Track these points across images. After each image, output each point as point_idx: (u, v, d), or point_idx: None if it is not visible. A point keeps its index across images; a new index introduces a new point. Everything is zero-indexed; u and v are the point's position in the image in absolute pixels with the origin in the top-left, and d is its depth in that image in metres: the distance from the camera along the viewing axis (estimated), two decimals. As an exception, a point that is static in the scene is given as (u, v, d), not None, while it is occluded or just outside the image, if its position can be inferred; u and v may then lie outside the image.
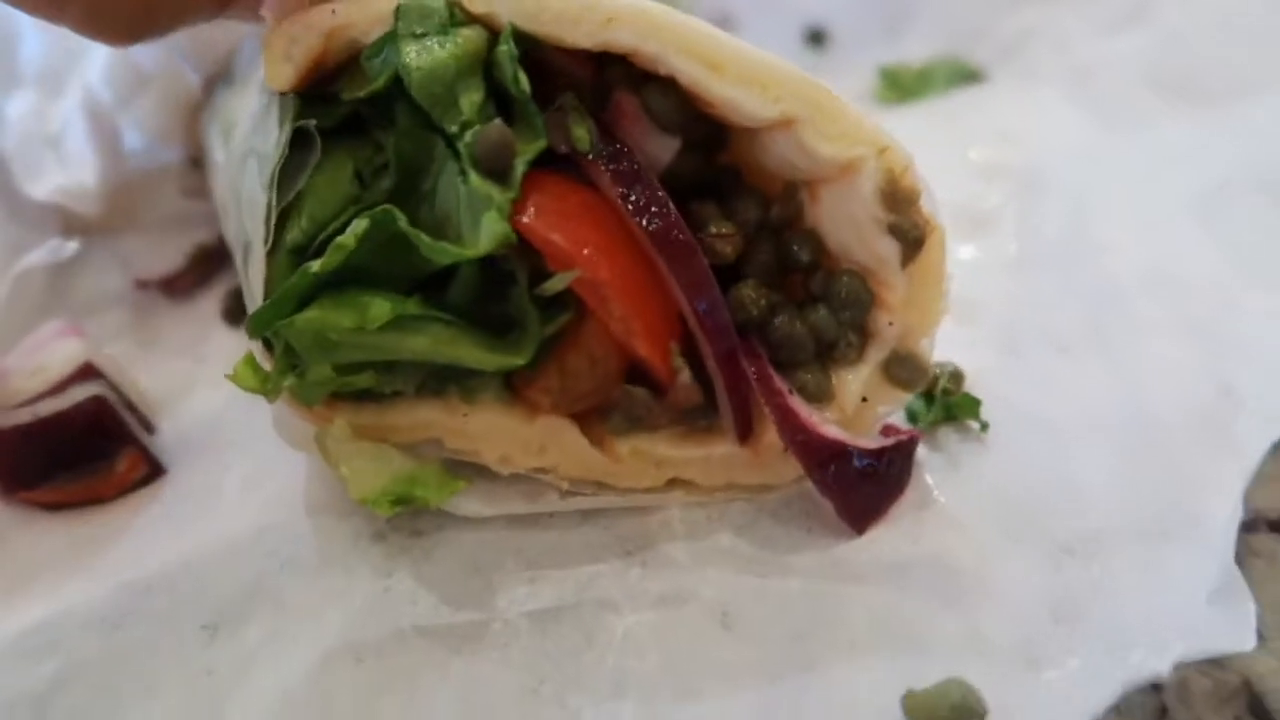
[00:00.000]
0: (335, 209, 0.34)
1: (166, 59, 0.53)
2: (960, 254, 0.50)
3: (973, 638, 0.32)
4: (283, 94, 0.36)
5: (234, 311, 0.49)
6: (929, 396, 0.40)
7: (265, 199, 0.35)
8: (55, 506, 0.40)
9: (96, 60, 0.54)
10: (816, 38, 0.72)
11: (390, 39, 0.34)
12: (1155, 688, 0.31)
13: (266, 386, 0.35)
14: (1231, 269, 0.47)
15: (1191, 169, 0.53)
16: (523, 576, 0.36)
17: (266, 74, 0.35)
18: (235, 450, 0.42)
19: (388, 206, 0.32)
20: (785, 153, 0.35)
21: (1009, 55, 0.66)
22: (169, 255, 0.52)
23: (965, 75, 0.64)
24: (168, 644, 0.35)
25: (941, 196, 0.54)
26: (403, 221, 0.32)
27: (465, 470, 0.38)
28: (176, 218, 0.55)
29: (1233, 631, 0.30)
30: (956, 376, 0.41)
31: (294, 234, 0.34)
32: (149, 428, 0.43)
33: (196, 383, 0.46)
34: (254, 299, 0.36)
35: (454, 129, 0.33)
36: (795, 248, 0.36)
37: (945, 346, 0.41)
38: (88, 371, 0.41)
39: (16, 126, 0.54)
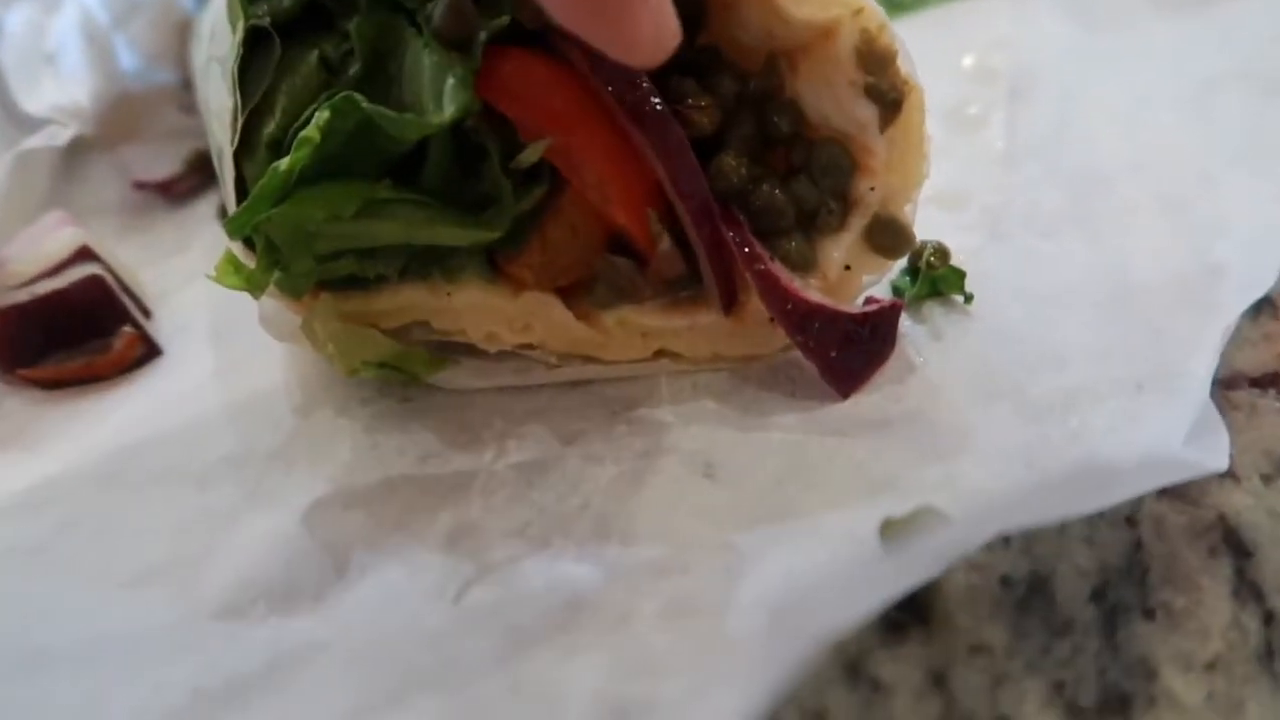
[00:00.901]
0: (305, 99, 0.35)
1: None
2: (950, 151, 0.51)
3: (948, 481, 0.33)
4: None
5: (228, 211, 0.50)
6: (914, 271, 0.41)
7: (231, 102, 0.35)
8: (54, 384, 0.41)
9: (93, -22, 0.55)
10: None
11: None
12: (1130, 523, 0.32)
13: (250, 283, 0.35)
14: (1214, 153, 0.47)
15: (1178, 66, 0.53)
16: (510, 433, 0.36)
17: None
18: (230, 333, 0.42)
19: (348, 93, 0.33)
20: (760, 20, 0.35)
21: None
22: (167, 162, 0.53)
23: (960, -12, 0.64)
24: (163, 494, 0.35)
25: (935, 101, 0.55)
26: (364, 103, 0.32)
27: (453, 351, 0.38)
28: (175, 130, 0.55)
29: (1207, 459, 0.30)
30: (941, 252, 0.41)
31: (269, 129, 0.35)
32: (145, 312, 0.44)
33: (192, 275, 0.46)
34: (229, 201, 0.36)
35: (413, 3, 0.33)
36: (775, 119, 0.37)
37: (931, 230, 0.41)
38: (84, 254, 0.42)
39: (14, 40, 0.55)
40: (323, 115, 0.32)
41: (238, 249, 0.36)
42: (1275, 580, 0.30)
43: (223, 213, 0.50)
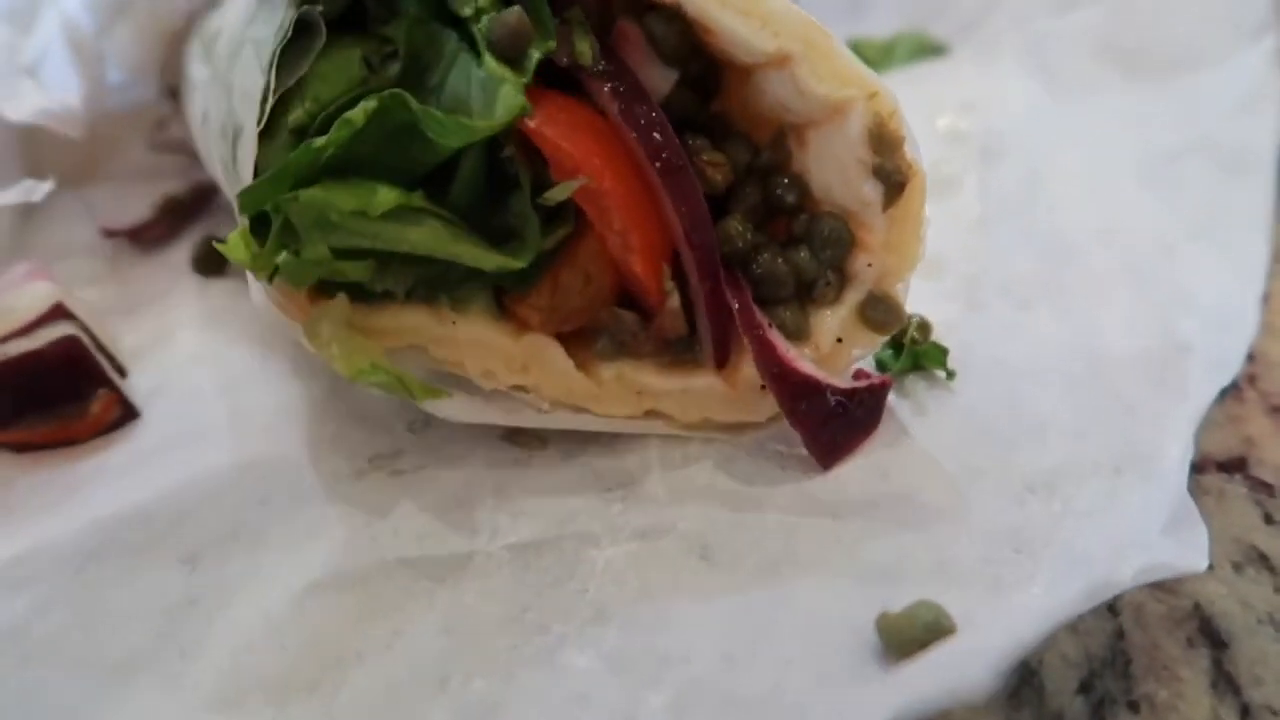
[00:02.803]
0: (341, 91, 0.35)
1: None
2: (930, 215, 0.52)
3: (940, 566, 0.34)
4: None
5: (203, 261, 0.49)
6: (898, 346, 0.42)
7: (264, 81, 0.35)
8: (26, 447, 0.40)
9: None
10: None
11: None
12: (1112, 611, 0.33)
13: (258, 261, 0.34)
14: (1176, 226, 0.48)
15: (1138, 135, 0.55)
16: (504, 511, 0.36)
17: None
18: (209, 395, 0.42)
19: (397, 90, 0.33)
20: (778, 92, 0.36)
21: (969, 29, 0.68)
22: (136, 206, 0.52)
23: (928, 48, 0.65)
24: (147, 575, 0.35)
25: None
26: (414, 103, 0.33)
27: (447, 382, 0.38)
28: (143, 170, 0.54)
29: (1186, 556, 0.31)
30: (924, 327, 0.42)
31: (297, 114, 0.35)
32: (121, 371, 0.43)
33: (168, 331, 0.46)
34: (243, 181, 0.35)
35: (469, 12, 0.33)
36: (780, 190, 0.38)
37: (911, 298, 0.42)
38: (59, 312, 0.41)
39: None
40: (370, 103, 0.32)
41: (249, 224, 0.34)
42: (1250, 672, 0.31)
43: (197, 262, 0.49)
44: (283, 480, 0.37)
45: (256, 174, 0.34)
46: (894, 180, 0.36)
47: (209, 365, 0.43)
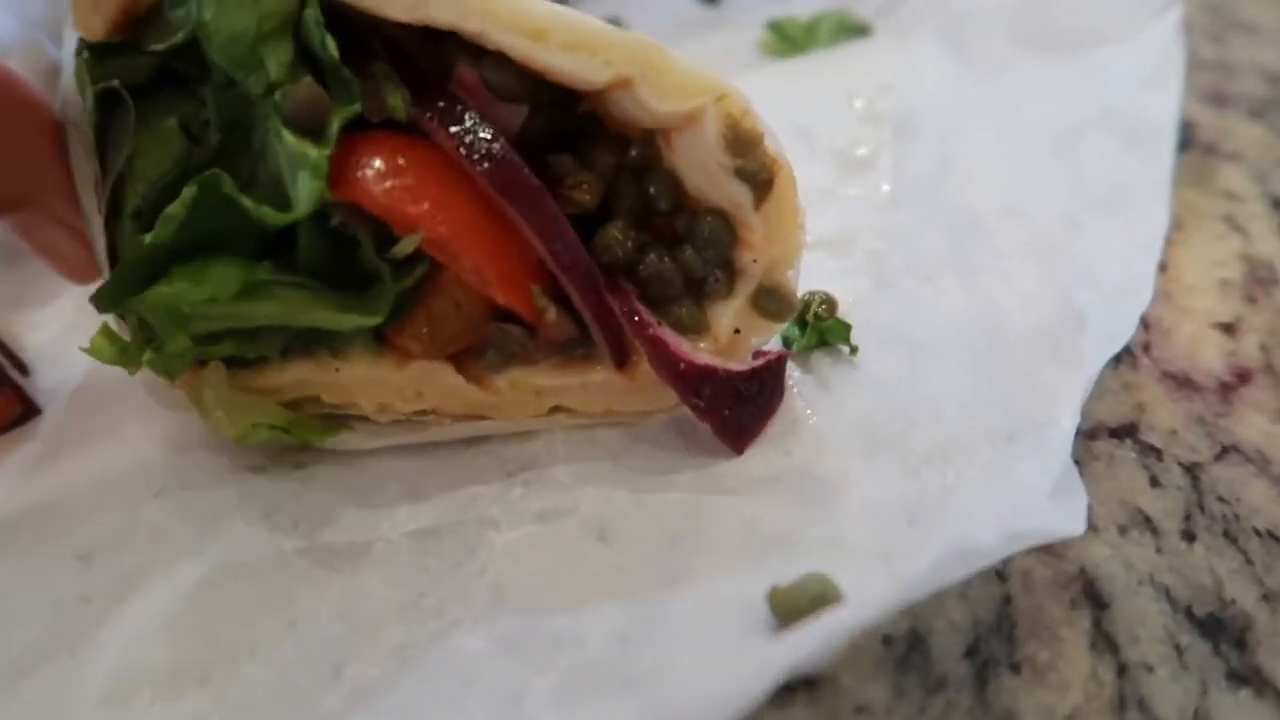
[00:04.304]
0: (166, 167, 0.34)
1: (22, 31, 0.50)
2: (839, 194, 0.52)
3: (834, 540, 0.34)
4: (78, 54, 0.35)
5: (110, 256, 0.48)
6: (802, 323, 0.42)
7: (92, 171, 0.34)
8: (-79, 448, 0.39)
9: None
10: (707, -7, 0.73)
11: None
12: (1000, 577, 0.34)
13: (125, 359, 0.34)
14: (1080, 200, 0.49)
15: (1047, 111, 0.55)
16: (405, 499, 0.36)
17: (75, 22, 0.34)
18: (109, 392, 0.41)
19: (215, 171, 0.32)
20: (628, 108, 0.35)
21: (890, 8, 0.68)
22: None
23: (851, 28, 0.66)
24: (40, 573, 0.34)
25: (827, 141, 0.57)
26: (229, 186, 0.32)
27: (347, 417, 0.38)
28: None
29: (1065, 521, 0.32)
30: (829, 303, 0.42)
31: (132, 200, 0.34)
32: (22, 369, 0.42)
33: (67, 327, 0.45)
34: (103, 270, 0.35)
35: (259, 91, 0.32)
36: (654, 193, 0.37)
37: (819, 277, 0.43)
38: (-46, 311, 0.40)
39: None
40: (189, 192, 0.32)
41: (113, 320, 0.35)
42: (1128, 631, 0.32)
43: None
44: (180, 475, 0.37)
45: (110, 259, 0.34)
46: (760, 179, 0.35)
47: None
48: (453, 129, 0.33)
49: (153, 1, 0.34)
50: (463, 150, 0.33)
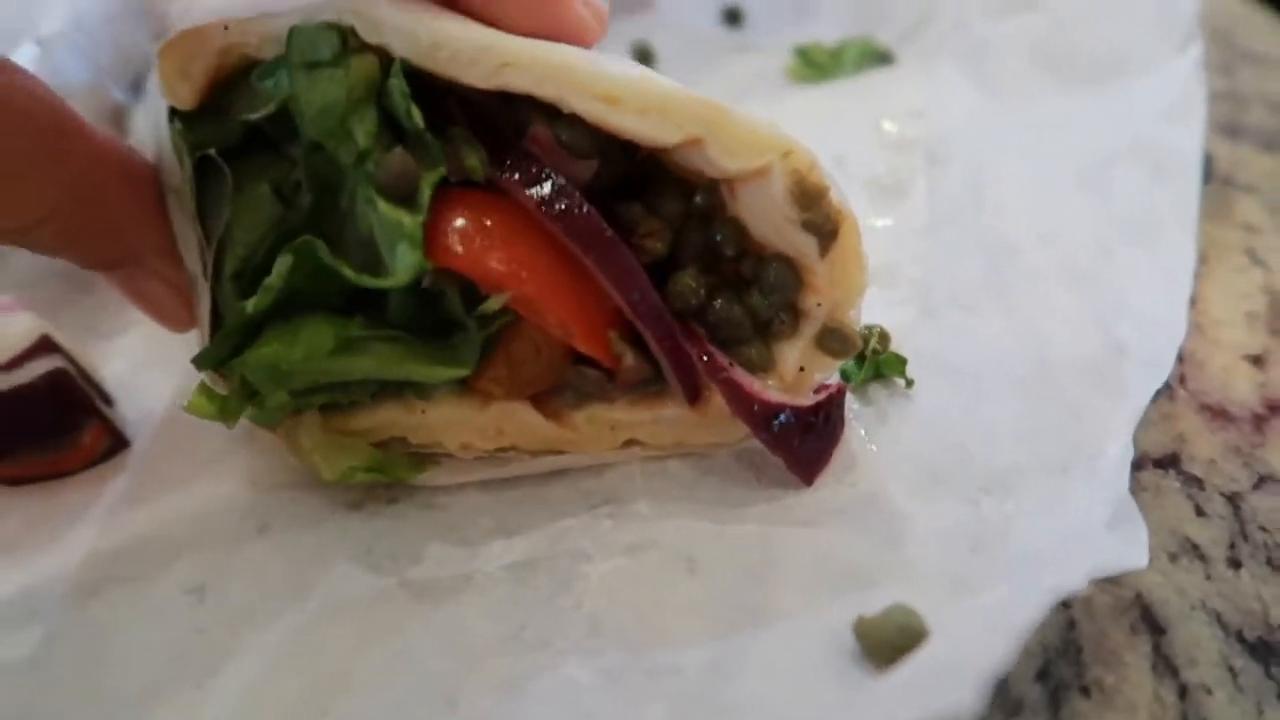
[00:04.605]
0: (262, 231, 0.36)
1: (89, 72, 0.51)
2: (879, 222, 0.54)
3: (906, 569, 0.36)
4: (170, 121, 0.36)
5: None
6: (860, 357, 0.44)
7: (194, 235, 0.36)
8: (16, 481, 0.40)
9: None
10: (733, 16, 0.75)
11: (282, 64, 0.34)
12: (1064, 604, 0.36)
13: (224, 415, 0.36)
14: (1111, 228, 0.51)
15: (1073, 140, 0.58)
16: (498, 533, 0.38)
17: (165, 93, 0.35)
18: (194, 427, 0.42)
19: (309, 239, 0.34)
20: (696, 162, 0.36)
21: (912, 34, 0.70)
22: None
23: (875, 54, 0.68)
24: (153, 606, 0.36)
25: (859, 169, 0.59)
26: (324, 254, 0.33)
27: (432, 454, 0.40)
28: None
29: (1129, 552, 0.34)
30: (884, 337, 0.45)
31: (231, 263, 0.36)
32: (107, 400, 0.43)
33: (148, 357, 0.46)
34: (203, 327, 0.37)
35: (350, 160, 0.34)
36: (720, 239, 0.38)
37: (870, 307, 0.44)
38: (45, 345, 0.41)
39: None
40: (285, 261, 0.34)
41: (209, 376, 0.36)
42: (1186, 654, 0.35)
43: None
44: (280, 512, 0.39)
45: (214, 321, 0.36)
46: (825, 230, 0.36)
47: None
48: (531, 187, 0.34)
49: (237, 68, 0.36)
50: (542, 207, 0.34)
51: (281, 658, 0.34)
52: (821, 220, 0.37)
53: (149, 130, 0.44)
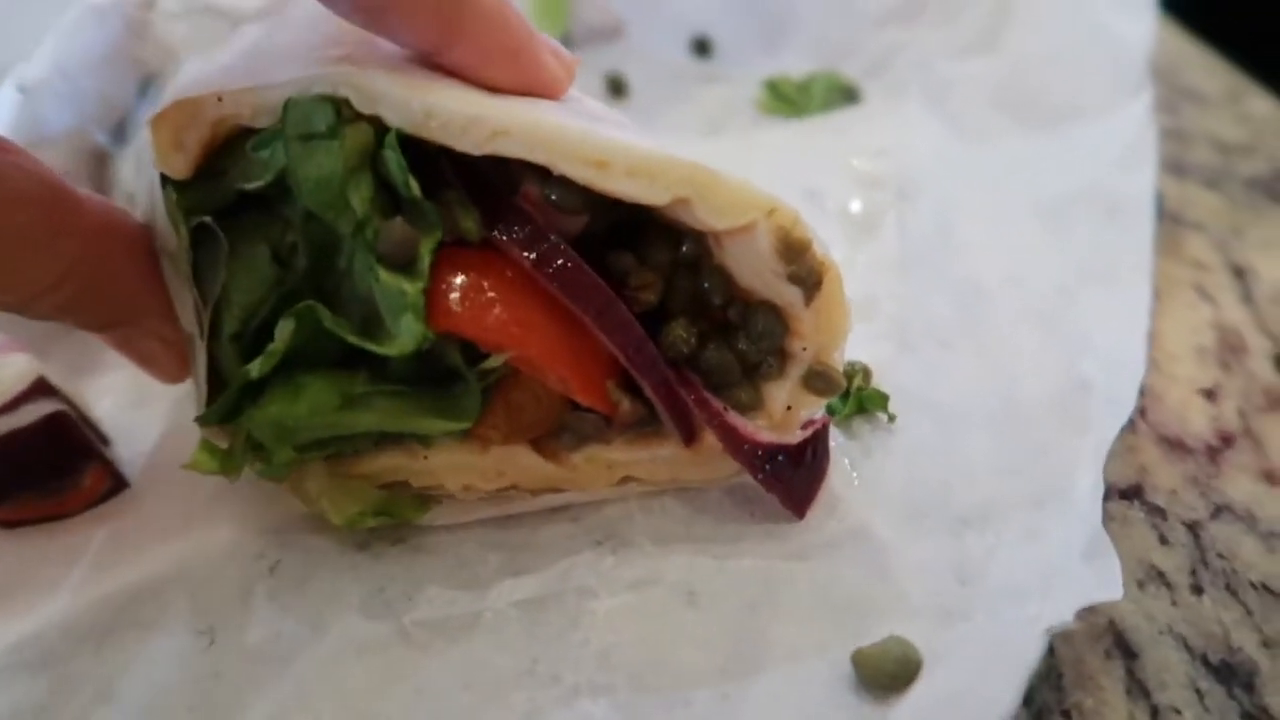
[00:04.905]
0: (260, 294, 0.36)
1: (72, 118, 0.51)
2: (857, 257, 0.57)
3: (898, 601, 0.38)
4: (164, 188, 0.36)
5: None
6: (844, 393, 0.46)
7: (190, 298, 0.36)
8: (15, 524, 0.40)
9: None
10: (702, 47, 0.76)
11: (277, 134, 0.35)
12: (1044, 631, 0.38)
13: (227, 469, 0.37)
14: (1070, 269, 0.54)
15: (1032, 181, 0.61)
16: (506, 570, 0.39)
17: (159, 164, 0.36)
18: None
19: (310, 304, 0.34)
20: (683, 218, 0.38)
21: (877, 70, 0.73)
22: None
23: (842, 89, 0.70)
24: (166, 649, 0.36)
25: (833, 204, 0.61)
26: (327, 319, 0.34)
27: (435, 495, 0.41)
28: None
29: (1105, 583, 0.37)
30: (866, 373, 0.47)
31: (230, 324, 0.36)
32: (104, 440, 0.43)
33: (142, 394, 0.46)
34: (198, 387, 0.38)
35: (349, 230, 0.34)
36: (708, 287, 0.39)
37: (851, 340, 0.46)
38: (41, 387, 0.41)
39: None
40: (287, 326, 0.34)
41: (210, 431, 0.37)
42: (1157, 678, 0.37)
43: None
44: (290, 552, 0.39)
45: (212, 378, 0.37)
46: (810, 281, 0.38)
47: (191, 431, 0.44)
48: (526, 247, 0.36)
49: (231, 136, 0.36)
50: (540, 267, 0.36)
51: (301, 697, 0.35)
52: (805, 273, 0.38)
53: (135, 180, 0.45)
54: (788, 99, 0.71)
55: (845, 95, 0.71)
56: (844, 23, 0.75)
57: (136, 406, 0.46)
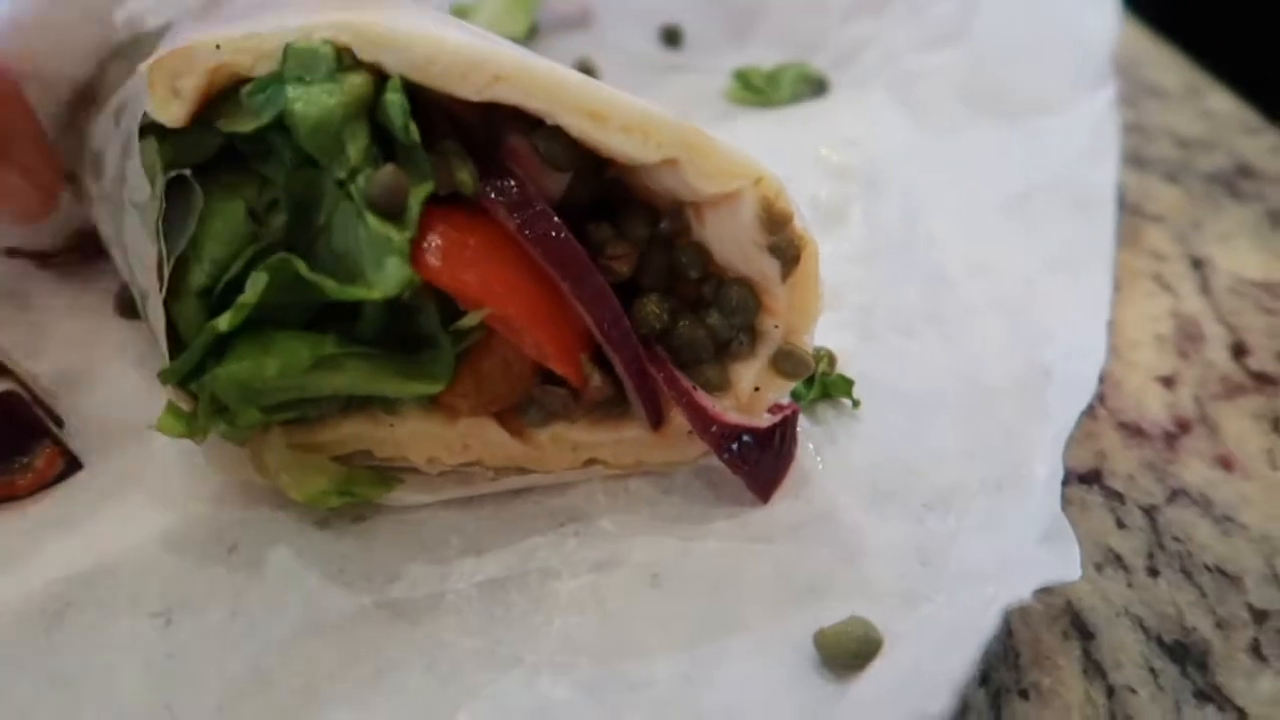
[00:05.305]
0: (234, 249, 0.36)
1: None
2: (824, 247, 0.57)
3: (861, 583, 0.38)
4: (142, 135, 0.36)
5: (126, 304, 0.48)
6: (809, 378, 0.46)
7: (155, 249, 0.36)
8: (-34, 505, 0.39)
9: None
10: (672, 37, 0.76)
11: (276, 80, 0.34)
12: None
13: (194, 432, 0.36)
14: (1034, 260, 0.55)
15: (997, 173, 0.61)
16: (468, 551, 0.39)
17: (157, 111, 0.35)
18: (150, 442, 0.42)
19: (285, 256, 0.34)
20: (669, 183, 0.38)
21: (844, 62, 0.73)
22: (42, 236, 0.51)
23: (811, 80, 0.70)
24: (120, 632, 0.35)
25: (800, 193, 0.61)
26: (303, 269, 0.34)
27: (397, 470, 0.40)
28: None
29: (1063, 565, 0.37)
30: (831, 359, 0.47)
31: (197, 278, 0.36)
32: (58, 421, 0.43)
33: (96, 376, 0.45)
34: (160, 345, 0.37)
35: (343, 175, 0.34)
36: (685, 262, 0.40)
37: (817, 329, 0.47)
38: (-6, 367, 0.41)
39: None
40: (261, 278, 0.34)
41: (173, 393, 0.36)
42: (1113, 658, 0.38)
43: (121, 304, 0.49)
44: (249, 532, 0.39)
45: (170, 336, 0.36)
46: (789, 254, 0.38)
47: (143, 410, 0.43)
48: (512, 208, 0.36)
49: (226, 84, 0.36)
50: (525, 230, 0.36)
51: (258, 679, 0.34)
52: (786, 245, 0.38)
53: (107, 135, 0.44)
54: (756, 89, 0.71)
55: (814, 87, 0.71)
56: (811, 15, 0.75)
57: (82, 387, 0.45)
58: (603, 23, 0.78)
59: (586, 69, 0.73)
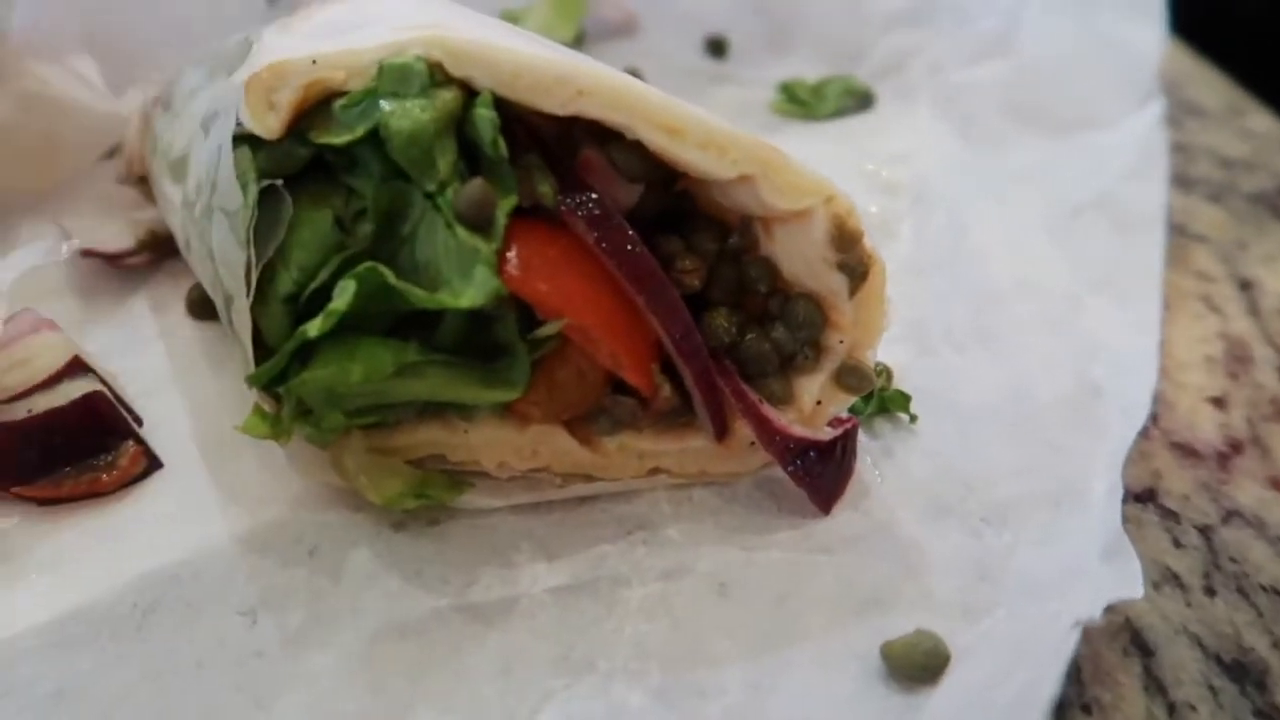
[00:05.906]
0: (321, 257, 0.37)
1: None
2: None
3: (922, 595, 0.39)
4: (236, 145, 0.37)
5: (199, 305, 0.49)
6: (867, 394, 0.47)
7: (244, 255, 0.37)
8: (53, 501, 0.40)
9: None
10: (717, 48, 0.77)
11: (370, 95, 0.36)
12: (1062, 628, 0.39)
13: (278, 434, 0.37)
14: (1080, 278, 0.56)
15: (1043, 189, 0.62)
16: (538, 556, 0.40)
17: (255, 124, 0.36)
18: (229, 444, 0.43)
19: (373, 264, 0.35)
20: (741, 199, 0.39)
21: (887, 74, 0.74)
22: (113, 236, 0.52)
23: (857, 93, 0.71)
24: (208, 628, 0.36)
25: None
26: (391, 277, 0.35)
27: (468, 474, 0.41)
28: (113, 202, 0.54)
29: (1125, 582, 0.38)
30: (888, 374, 0.48)
31: (284, 285, 0.37)
32: (138, 420, 0.44)
33: (170, 377, 0.47)
34: (244, 347, 0.38)
35: (432, 188, 0.35)
36: (753, 276, 0.40)
37: (874, 346, 0.48)
38: (78, 365, 0.42)
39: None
40: (349, 286, 0.35)
41: (258, 396, 0.37)
42: (1172, 675, 0.38)
43: (193, 305, 0.50)
44: (328, 534, 0.40)
45: (255, 339, 0.37)
46: (858, 272, 0.39)
47: (218, 411, 0.44)
48: (591, 222, 0.37)
49: (318, 98, 0.37)
50: (602, 244, 0.37)
51: (340, 680, 0.35)
52: (855, 263, 0.39)
53: (182, 141, 0.45)
54: (801, 102, 0.72)
55: (859, 100, 0.72)
56: (851, 26, 0.75)
57: (160, 391, 0.46)
58: (647, 31, 0.79)
59: (633, 76, 0.74)
